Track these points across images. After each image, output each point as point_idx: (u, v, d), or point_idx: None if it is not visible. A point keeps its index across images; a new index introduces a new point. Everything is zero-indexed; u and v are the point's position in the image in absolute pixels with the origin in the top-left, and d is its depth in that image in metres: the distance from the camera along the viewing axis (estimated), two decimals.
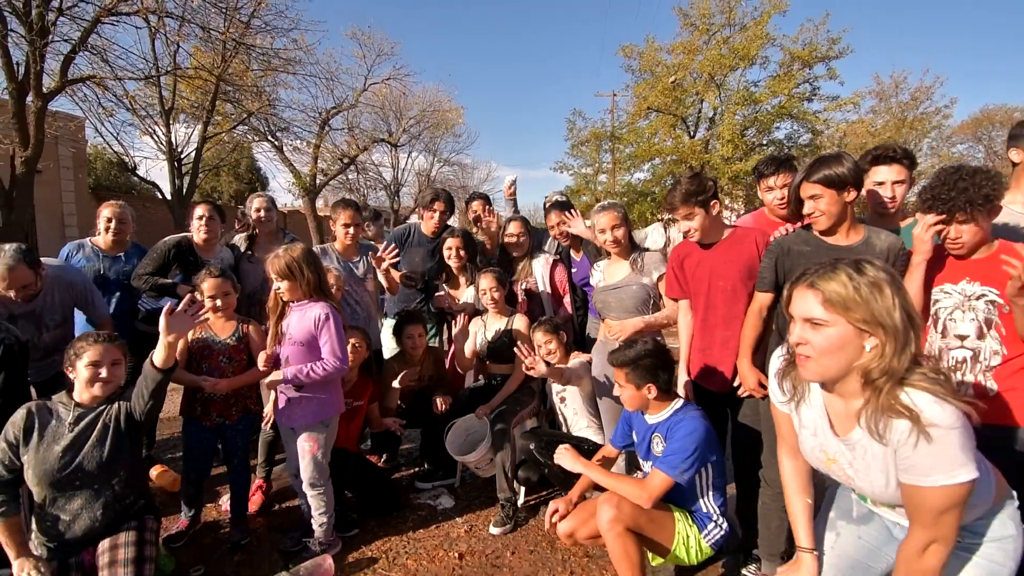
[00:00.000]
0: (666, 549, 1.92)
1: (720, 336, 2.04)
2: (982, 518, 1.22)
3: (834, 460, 1.23)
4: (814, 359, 1.14)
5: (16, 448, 1.87)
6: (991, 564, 1.21)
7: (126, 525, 1.97)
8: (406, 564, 2.34)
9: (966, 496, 1.05)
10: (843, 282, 1.11)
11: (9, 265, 2.21)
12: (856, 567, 1.36)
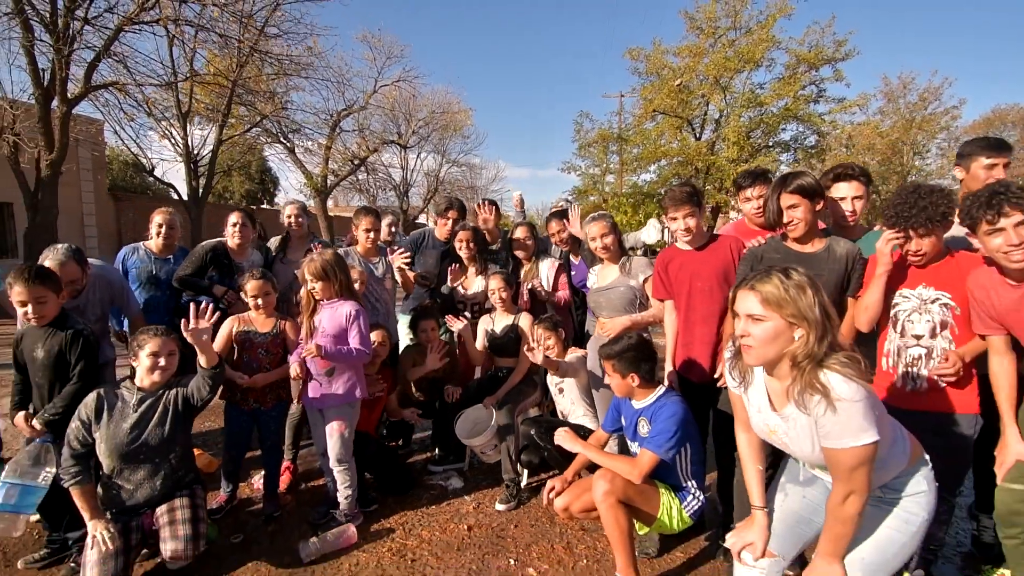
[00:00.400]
0: (652, 518, 2.20)
1: (700, 332, 2.31)
2: (900, 477, 1.48)
3: (774, 431, 1.50)
4: (755, 348, 1.40)
5: (88, 426, 2.17)
6: (908, 514, 1.47)
7: (180, 493, 2.28)
8: (420, 534, 2.63)
9: (872, 455, 1.31)
10: (776, 285, 1.37)
11: (61, 261, 2.51)
12: (800, 521, 1.62)
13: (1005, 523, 1.85)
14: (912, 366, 2.06)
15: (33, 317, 2.16)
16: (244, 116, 17.65)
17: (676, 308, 2.41)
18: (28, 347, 2.26)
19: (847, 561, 1.48)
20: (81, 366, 2.25)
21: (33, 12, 10.33)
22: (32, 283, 2.15)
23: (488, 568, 2.36)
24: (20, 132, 11.67)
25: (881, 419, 1.35)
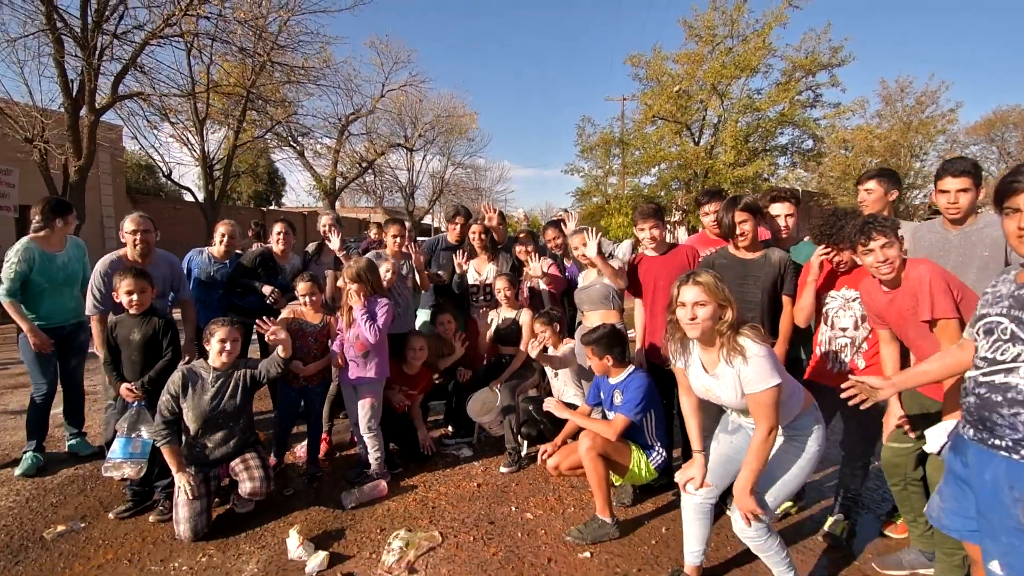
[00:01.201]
0: (625, 469, 2.75)
1: (662, 323, 2.84)
2: (798, 419, 2.02)
3: (710, 389, 2.03)
4: (700, 323, 1.93)
5: (176, 398, 2.74)
6: (805, 447, 2.02)
7: (248, 449, 2.85)
8: (439, 489, 3.20)
9: (778, 395, 1.84)
10: (712, 278, 1.93)
11: (140, 212, 3.14)
12: (728, 460, 2.16)
13: (889, 474, 2.39)
14: (840, 352, 2.60)
15: (135, 304, 2.75)
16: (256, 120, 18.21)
17: (644, 304, 2.97)
18: (123, 332, 2.85)
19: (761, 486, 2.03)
20: (171, 347, 2.84)
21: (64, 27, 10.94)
22: (137, 278, 2.74)
23: (494, 513, 2.92)
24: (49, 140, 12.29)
25: (781, 371, 1.90)
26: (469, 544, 2.63)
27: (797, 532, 2.76)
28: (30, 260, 3.34)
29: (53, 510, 2.96)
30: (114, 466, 2.70)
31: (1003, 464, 1.53)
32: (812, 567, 2.46)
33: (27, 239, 3.41)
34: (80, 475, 3.38)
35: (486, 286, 4.00)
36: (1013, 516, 1.49)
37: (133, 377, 2.86)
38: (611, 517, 2.68)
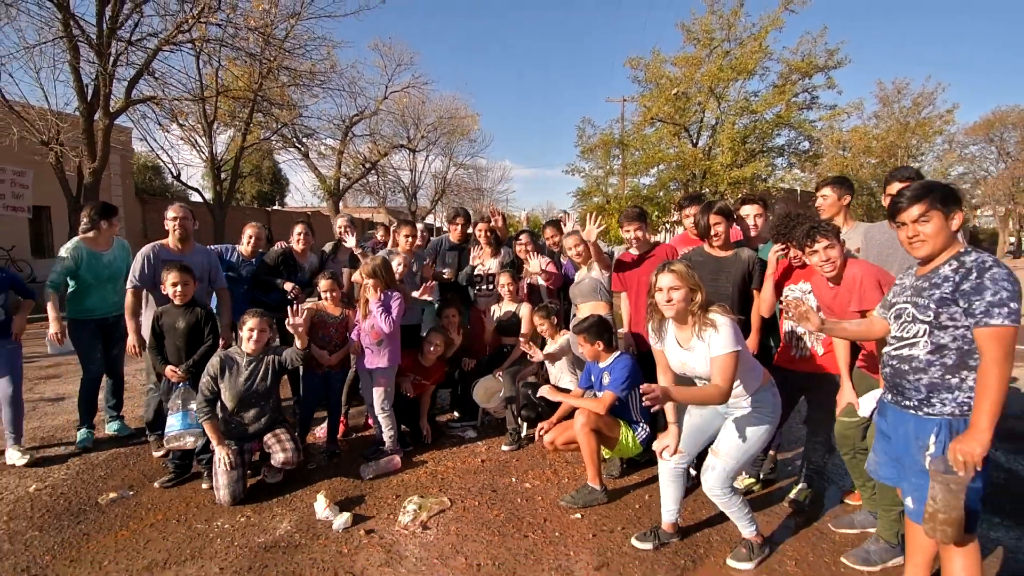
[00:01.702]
0: (614, 442, 3.10)
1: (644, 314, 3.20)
2: (758, 393, 2.35)
3: (685, 363, 2.36)
4: (675, 304, 2.26)
5: (215, 380, 3.09)
6: (763, 417, 2.35)
7: (277, 426, 3.21)
8: (447, 464, 3.55)
9: (736, 361, 2.16)
10: (683, 267, 2.27)
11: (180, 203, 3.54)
12: (698, 431, 2.51)
13: (840, 444, 2.73)
14: (801, 339, 2.94)
15: (179, 295, 3.14)
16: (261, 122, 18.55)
17: (628, 296, 3.32)
18: (169, 321, 3.22)
19: (725, 449, 2.38)
20: (212, 334, 3.21)
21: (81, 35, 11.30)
22: (181, 271, 3.12)
23: (496, 483, 3.27)
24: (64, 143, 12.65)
25: (742, 344, 2.24)
26: (475, 508, 2.98)
27: (767, 501, 3.10)
28: (77, 258, 3.70)
29: (102, 481, 3.32)
30: (175, 437, 3.06)
31: (911, 420, 1.88)
32: (776, 527, 2.80)
33: (77, 239, 3.78)
34: (122, 452, 3.75)
35: (489, 276, 4.35)
36: (918, 461, 1.84)
37: (176, 361, 3.23)
38: (600, 485, 3.03)
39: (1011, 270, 1.74)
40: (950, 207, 1.80)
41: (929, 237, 1.82)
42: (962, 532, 1.77)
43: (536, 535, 2.71)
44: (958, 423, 1.78)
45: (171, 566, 2.45)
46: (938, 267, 1.84)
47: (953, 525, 1.72)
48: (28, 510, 2.96)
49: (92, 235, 3.75)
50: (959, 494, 1.71)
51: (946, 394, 1.81)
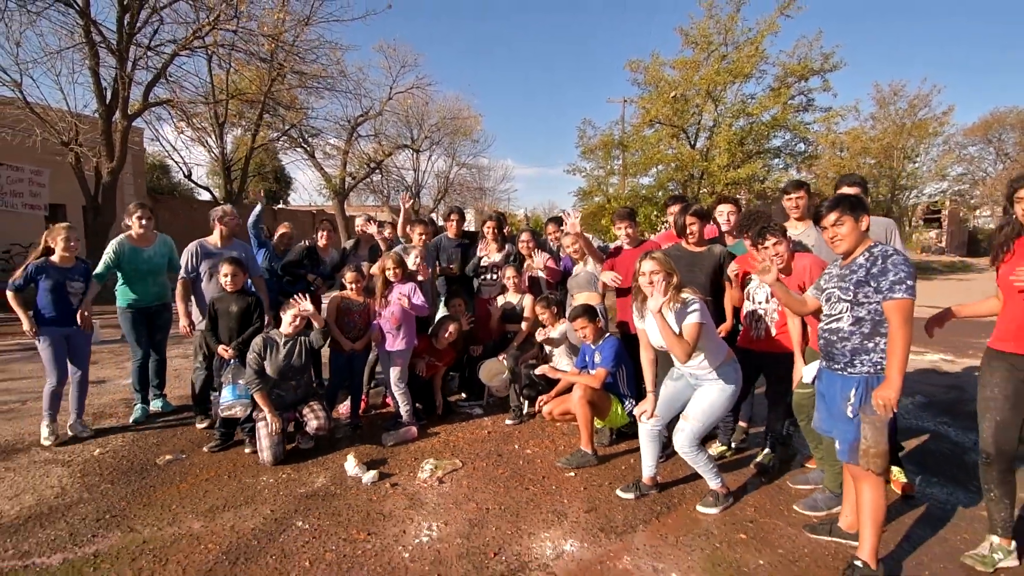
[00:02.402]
0: (606, 412, 3.57)
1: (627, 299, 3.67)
2: (722, 367, 2.81)
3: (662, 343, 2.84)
4: (656, 286, 2.71)
5: (262, 357, 3.56)
6: (725, 386, 2.80)
7: (311, 399, 3.68)
8: (457, 435, 4.02)
9: (700, 332, 2.62)
10: (660, 255, 2.74)
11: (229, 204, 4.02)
12: (672, 400, 2.97)
13: (797, 412, 3.17)
14: (759, 321, 3.39)
15: (230, 284, 3.62)
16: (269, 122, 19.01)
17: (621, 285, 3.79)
18: (223, 307, 3.70)
19: (693, 414, 2.83)
20: (259, 319, 3.70)
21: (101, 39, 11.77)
22: (232, 263, 3.60)
23: (501, 449, 3.74)
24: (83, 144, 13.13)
25: (707, 319, 2.70)
26: (483, 467, 3.45)
27: (736, 465, 3.55)
28: (120, 253, 4.16)
29: (155, 447, 3.79)
30: (227, 407, 3.52)
31: (839, 380, 2.34)
32: (742, 484, 3.26)
33: (121, 236, 4.25)
34: (170, 424, 4.22)
35: (494, 267, 4.82)
36: (843, 412, 2.30)
37: (228, 342, 3.70)
38: (592, 450, 3.50)
39: (907, 257, 2.21)
40: (858, 213, 2.27)
41: (844, 237, 2.29)
42: (887, 463, 2.23)
43: (535, 488, 3.18)
44: (872, 379, 2.24)
45: (229, 509, 2.92)
46: (855, 258, 2.30)
47: (881, 456, 2.18)
48: (97, 468, 3.43)
49: (134, 232, 4.20)
50: (883, 431, 2.17)
51: (864, 356, 2.27)
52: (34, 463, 3.52)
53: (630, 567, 2.42)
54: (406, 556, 2.49)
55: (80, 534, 2.67)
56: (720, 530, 2.75)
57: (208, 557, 2.47)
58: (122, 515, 2.87)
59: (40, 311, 3.66)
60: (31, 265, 3.65)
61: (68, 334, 3.77)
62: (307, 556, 2.48)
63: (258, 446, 3.48)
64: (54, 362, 3.67)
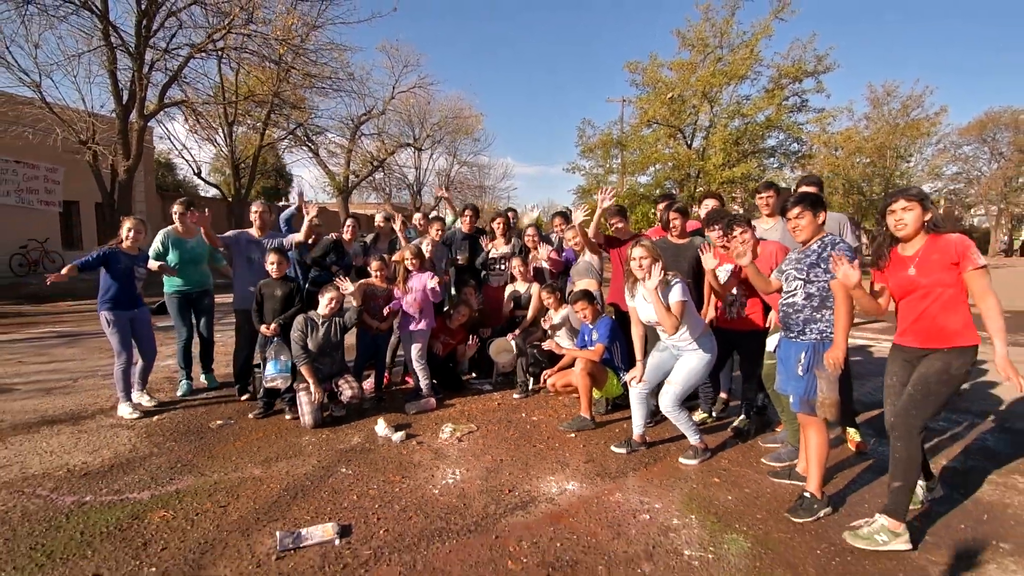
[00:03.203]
0: (603, 383, 4.08)
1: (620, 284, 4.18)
2: (700, 338, 3.32)
3: (652, 315, 3.34)
4: (644, 269, 3.23)
5: (305, 335, 4.06)
6: (703, 355, 3.32)
7: (343, 373, 4.19)
8: (470, 406, 4.53)
9: (684, 308, 3.14)
10: (647, 242, 3.25)
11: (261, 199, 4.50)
12: (657, 368, 3.48)
13: (766, 381, 3.66)
14: (731, 305, 3.89)
15: (276, 271, 4.13)
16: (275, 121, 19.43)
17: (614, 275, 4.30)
18: (268, 291, 4.20)
19: (676, 378, 3.34)
20: (301, 302, 4.21)
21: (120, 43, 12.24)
22: (277, 253, 4.12)
23: (510, 417, 4.26)
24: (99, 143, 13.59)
25: (688, 297, 3.21)
26: (495, 430, 3.97)
27: (717, 429, 4.07)
28: (164, 243, 4.67)
29: (206, 415, 4.30)
30: (271, 379, 4.03)
31: (793, 346, 2.85)
32: (719, 443, 3.77)
33: (168, 228, 4.74)
34: (216, 397, 4.74)
35: (503, 259, 5.33)
36: (795, 369, 2.81)
37: (272, 320, 4.21)
38: (590, 416, 4.01)
39: (850, 246, 2.72)
40: (816, 209, 2.78)
41: (803, 228, 2.80)
42: (839, 413, 2.74)
43: (542, 445, 3.70)
44: (819, 344, 2.75)
45: (282, 460, 3.44)
46: (810, 245, 2.81)
47: (834, 406, 2.67)
48: (159, 431, 3.94)
49: (178, 227, 4.70)
50: (835, 385, 2.67)
51: (813, 325, 2.77)
52: (101, 427, 4.02)
53: (621, 500, 2.94)
54: (436, 492, 3.00)
55: (160, 478, 3.18)
56: (697, 476, 3.26)
57: (271, 493, 2.98)
58: (191, 464, 3.38)
59: (110, 294, 4.12)
60: (104, 249, 4.13)
61: (132, 316, 4.26)
62: (354, 492, 2.99)
63: (300, 412, 3.99)
64: (122, 343, 4.16)
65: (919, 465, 2.54)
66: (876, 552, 2.43)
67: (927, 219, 2.46)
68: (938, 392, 2.44)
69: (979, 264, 2.32)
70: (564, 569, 2.31)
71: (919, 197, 2.47)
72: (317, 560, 2.35)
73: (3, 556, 2.38)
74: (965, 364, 2.42)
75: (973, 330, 2.42)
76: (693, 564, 2.36)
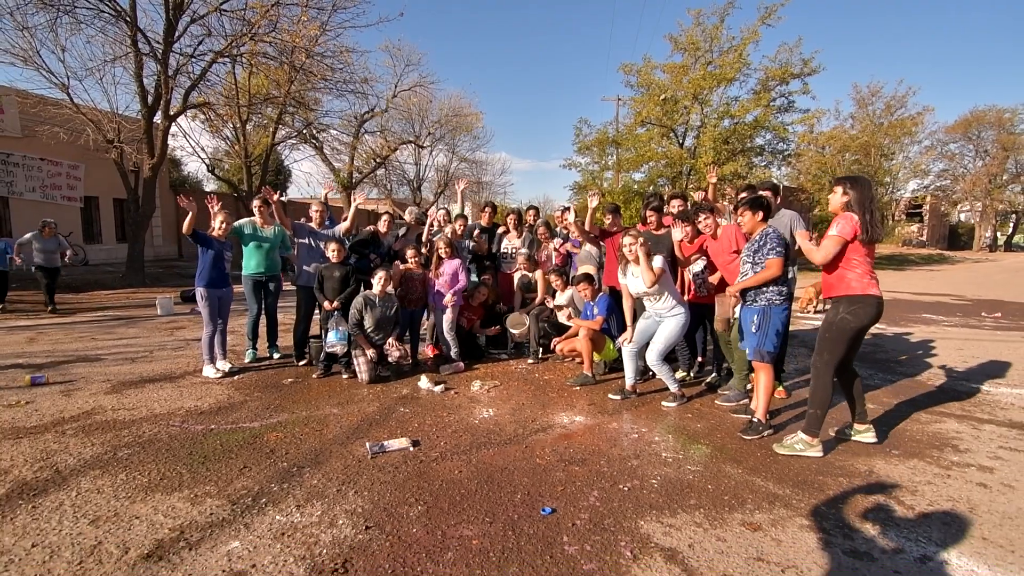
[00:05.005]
0: (602, 347, 5.06)
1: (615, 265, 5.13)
2: (676, 306, 4.29)
3: (637, 288, 4.29)
4: (633, 252, 4.18)
5: (361, 312, 4.99)
6: (679, 319, 4.28)
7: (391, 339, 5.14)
8: (491, 370, 5.49)
9: (663, 273, 4.11)
10: (636, 232, 4.22)
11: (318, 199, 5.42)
12: (644, 332, 4.43)
13: (723, 341, 4.66)
14: (700, 285, 4.83)
15: (336, 256, 5.06)
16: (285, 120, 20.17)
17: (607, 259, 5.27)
18: (329, 272, 5.14)
19: (659, 338, 4.30)
20: (356, 283, 5.14)
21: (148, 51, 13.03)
22: (338, 242, 5.05)
23: (526, 376, 5.22)
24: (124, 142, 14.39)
25: (668, 272, 4.18)
26: (516, 386, 4.93)
27: (692, 384, 5.04)
28: (245, 225, 5.59)
29: (276, 376, 5.24)
30: (331, 346, 4.97)
31: (747, 311, 3.82)
32: (694, 394, 4.74)
33: (252, 218, 5.67)
34: (280, 364, 5.67)
35: (513, 251, 6.28)
36: (750, 328, 3.78)
37: (332, 298, 5.13)
38: (592, 374, 4.98)
39: (780, 233, 3.69)
40: (755, 209, 3.74)
41: (746, 223, 3.77)
42: (726, 327, 3.73)
43: (553, 395, 4.67)
44: (767, 308, 3.71)
45: (349, 404, 4.38)
46: (754, 236, 3.78)
47: (722, 321, 3.67)
48: (244, 386, 4.88)
49: (257, 219, 5.62)
50: (726, 308, 3.67)
51: (761, 295, 3.74)
52: (195, 384, 4.95)
53: (616, 427, 3.91)
54: (476, 422, 3.97)
55: (261, 414, 4.12)
56: (675, 413, 4.24)
57: (352, 423, 3.93)
58: (281, 407, 4.32)
59: (206, 274, 5.03)
60: (206, 234, 5.04)
61: (220, 295, 5.18)
62: (414, 422, 3.95)
63: (357, 370, 4.94)
64: (211, 316, 5.07)
65: (828, 397, 3.42)
66: (795, 456, 3.41)
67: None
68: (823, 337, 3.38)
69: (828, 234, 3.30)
70: (576, 463, 3.27)
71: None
72: (400, 459, 3.30)
73: (171, 459, 3.31)
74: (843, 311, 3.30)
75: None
76: (668, 460, 3.33)
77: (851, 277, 3.27)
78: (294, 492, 2.87)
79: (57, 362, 5.67)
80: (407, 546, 2.37)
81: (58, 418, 3.99)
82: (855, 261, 3.26)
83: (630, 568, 2.23)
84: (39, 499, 2.78)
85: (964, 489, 2.99)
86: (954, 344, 7.01)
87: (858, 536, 2.49)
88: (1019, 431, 3.89)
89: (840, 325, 3.29)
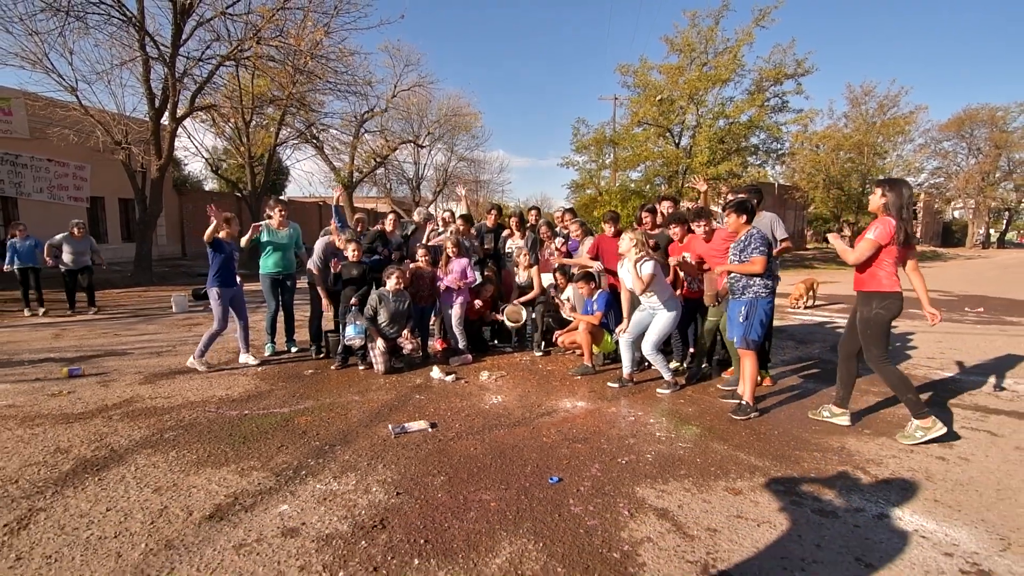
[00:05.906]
0: (601, 339, 5.42)
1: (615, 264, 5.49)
2: (667, 301, 4.65)
3: (632, 282, 4.66)
4: (632, 251, 4.55)
5: (376, 308, 5.35)
6: (670, 313, 4.64)
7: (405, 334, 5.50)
8: (497, 361, 5.85)
9: (654, 276, 4.47)
10: (632, 233, 4.58)
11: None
12: (639, 323, 4.79)
13: (706, 331, 5.03)
14: (690, 282, 5.21)
15: (354, 256, 5.40)
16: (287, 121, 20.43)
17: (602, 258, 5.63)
18: (347, 271, 5.49)
19: (653, 330, 4.67)
20: (372, 281, 5.50)
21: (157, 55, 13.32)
22: (356, 242, 5.39)
23: (530, 367, 5.59)
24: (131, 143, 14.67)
25: (658, 270, 4.54)
26: (520, 375, 5.29)
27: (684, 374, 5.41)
28: (261, 232, 5.93)
29: (296, 367, 5.59)
30: (349, 339, 5.32)
31: (735, 304, 4.19)
32: (687, 382, 5.12)
33: (268, 221, 6.01)
34: (299, 357, 6.02)
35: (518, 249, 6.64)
36: (737, 319, 4.14)
37: (352, 293, 5.48)
38: (591, 364, 5.35)
39: (764, 233, 4.06)
40: (739, 212, 4.11)
41: (731, 224, 4.14)
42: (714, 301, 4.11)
43: (556, 383, 5.03)
44: (753, 301, 4.07)
45: (368, 392, 4.74)
46: (740, 237, 4.15)
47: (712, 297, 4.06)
48: (268, 376, 5.23)
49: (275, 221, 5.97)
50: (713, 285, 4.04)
51: (748, 289, 4.10)
52: (221, 375, 5.30)
53: (615, 411, 4.28)
54: (487, 407, 4.33)
55: (289, 401, 4.48)
56: (669, 399, 4.61)
57: (373, 408, 4.29)
58: (306, 394, 4.67)
59: (218, 275, 5.36)
60: (222, 240, 5.38)
61: (232, 295, 5.52)
62: (430, 407, 4.31)
63: (374, 362, 5.30)
64: (222, 314, 5.41)
65: (904, 378, 3.66)
66: (783, 435, 3.78)
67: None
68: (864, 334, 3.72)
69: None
70: (578, 441, 3.64)
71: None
72: (420, 439, 3.67)
73: (214, 439, 3.67)
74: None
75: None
76: (661, 438, 3.70)
77: (882, 275, 3.63)
78: (329, 466, 3.23)
79: (87, 356, 6.01)
80: (434, 507, 2.73)
81: (102, 405, 4.34)
82: (887, 261, 3.61)
83: (627, 524, 2.60)
84: (102, 473, 3.13)
85: (924, 462, 3.36)
86: (934, 337, 7.40)
87: (825, 499, 2.87)
88: (982, 413, 4.27)
89: (876, 320, 3.65)
